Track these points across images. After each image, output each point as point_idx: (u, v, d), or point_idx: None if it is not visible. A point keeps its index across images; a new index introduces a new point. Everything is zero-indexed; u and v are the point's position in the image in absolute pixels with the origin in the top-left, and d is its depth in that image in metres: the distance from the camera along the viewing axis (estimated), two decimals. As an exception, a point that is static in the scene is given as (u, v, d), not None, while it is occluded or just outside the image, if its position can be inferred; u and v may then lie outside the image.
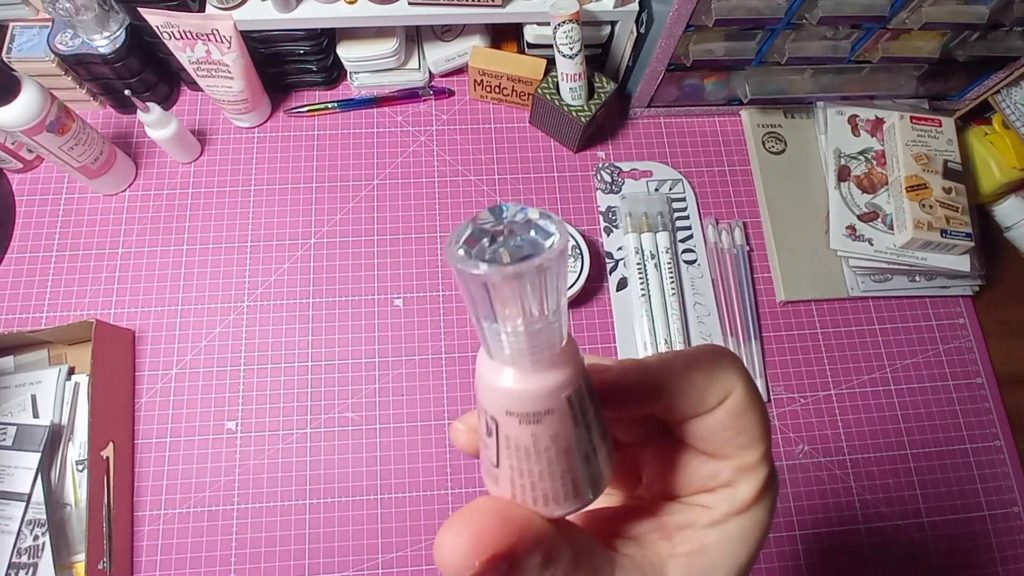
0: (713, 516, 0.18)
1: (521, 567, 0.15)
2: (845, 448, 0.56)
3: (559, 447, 0.16)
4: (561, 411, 0.15)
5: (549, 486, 0.16)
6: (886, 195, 0.60)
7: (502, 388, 0.15)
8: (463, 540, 0.15)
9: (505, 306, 0.14)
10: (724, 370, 0.17)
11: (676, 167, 0.63)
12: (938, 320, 0.60)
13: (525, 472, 0.16)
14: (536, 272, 0.13)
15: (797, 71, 0.60)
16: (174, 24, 0.51)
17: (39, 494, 0.48)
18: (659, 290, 0.58)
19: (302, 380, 0.55)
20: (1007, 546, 0.54)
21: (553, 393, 0.15)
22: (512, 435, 0.16)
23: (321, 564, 0.50)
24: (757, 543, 0.18)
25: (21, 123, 0.48)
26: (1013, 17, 0.52)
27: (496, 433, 0.16)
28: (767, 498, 0.18)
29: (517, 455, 0.16)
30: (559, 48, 0.54)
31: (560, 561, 0.16)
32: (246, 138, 0.62)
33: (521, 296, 0.13)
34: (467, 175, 0.62)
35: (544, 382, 0.15)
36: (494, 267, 0.13)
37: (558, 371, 0.15)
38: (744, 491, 0.17)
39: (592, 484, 0.17)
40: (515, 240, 0.13)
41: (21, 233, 0.58)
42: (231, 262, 0.58)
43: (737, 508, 0.17)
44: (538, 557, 0.15)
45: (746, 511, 0.17)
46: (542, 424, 0.15)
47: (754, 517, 0.17)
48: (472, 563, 0.14)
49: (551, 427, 0.15)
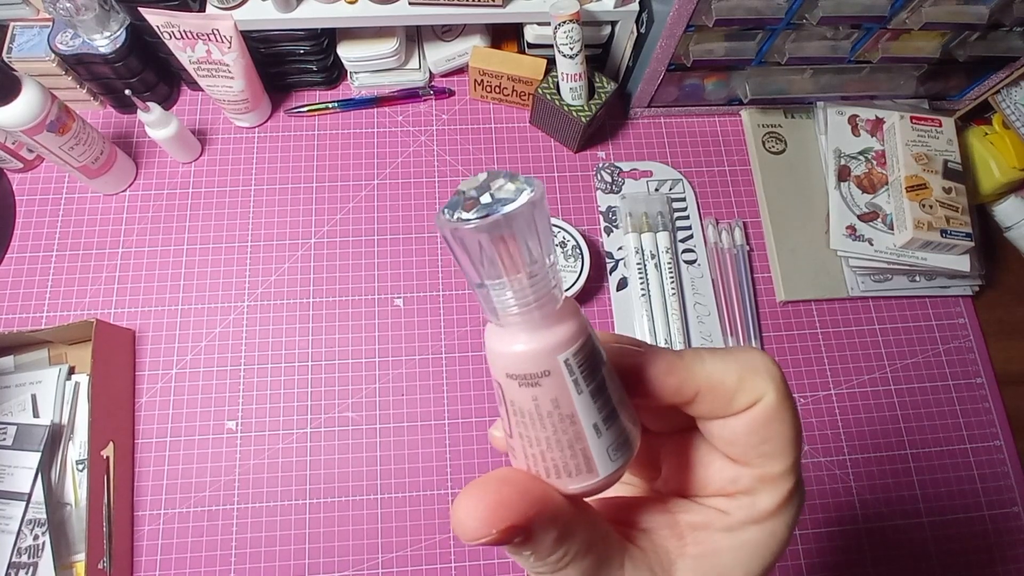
0: (729, 522, 0.17)
1: (535, 540, 0.15)
2: (845, 448, 0.56)
3: (562, 413, 0.16)
4: (558, 374, 0.15)
5: (559, 456, 0.16)
6: (886, 195, 0.60)
7: (498, 350, 0.16)
8: (481, 507, 0.15)
9: (489, 262, 0.15)
10: (757, 374, 0.17)
11: (676, 167, 0.63)
12: (938, 320, 0.60)
13: (533, 440, 0.16)
14: (507, 222, 0.14)
15: (797, 71, 0.60)
16: (174, 24, 0.51)
17: (39, 494, 0.48)
18: (659, 290, 0.58)
19: (302, 380, 0.55)
20: (1007, 546, 0.54)
21: (547, 354, 0.15)
22: (516, 400, 0.16)
23: (321, 564, 0.50)
24: (772, 556, 0.17)
25: (21, 123, 0.48)
26: (1013, 17, 0.52)
27: (504, 400, 0.16)
28: (788, 511, 0.17)
29: (523, 421, 0.16)
30: (559, 48, 0.54)
31: (574, 540, 0.16)
32: (246, 138, 0.62)
33: (500, 251, 0.14)
34: (467, 175, 0.62)
35: (537, 343, 0.15)
36: (473, 221, 0.14)
37: (551, 332, 0.15)
38: (764, 501, 0.17)
39: (606, 459, 0.16)
40: (495, 199, 0.14)
41: (21, 233, 0.58)
42: (231, 262, 0.58)
43: (754, 518, 0.17)
44: (553, 532, 0.15)
45: (764, 522, 0.17)
46: (541, 387, 0.16)
47: (771, 528, 0.17)
48: (489, 531, 0.15)
49: (551, 391, 0.16)
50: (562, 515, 0.16)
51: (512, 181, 0.15)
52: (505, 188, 0.15)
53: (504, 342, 0.16)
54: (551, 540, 0.15)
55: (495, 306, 0.15)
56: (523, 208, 0.14)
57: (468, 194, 0.15)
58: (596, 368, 0.16)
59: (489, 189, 0.15)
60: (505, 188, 0.15)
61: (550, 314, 0.15)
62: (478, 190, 0.15)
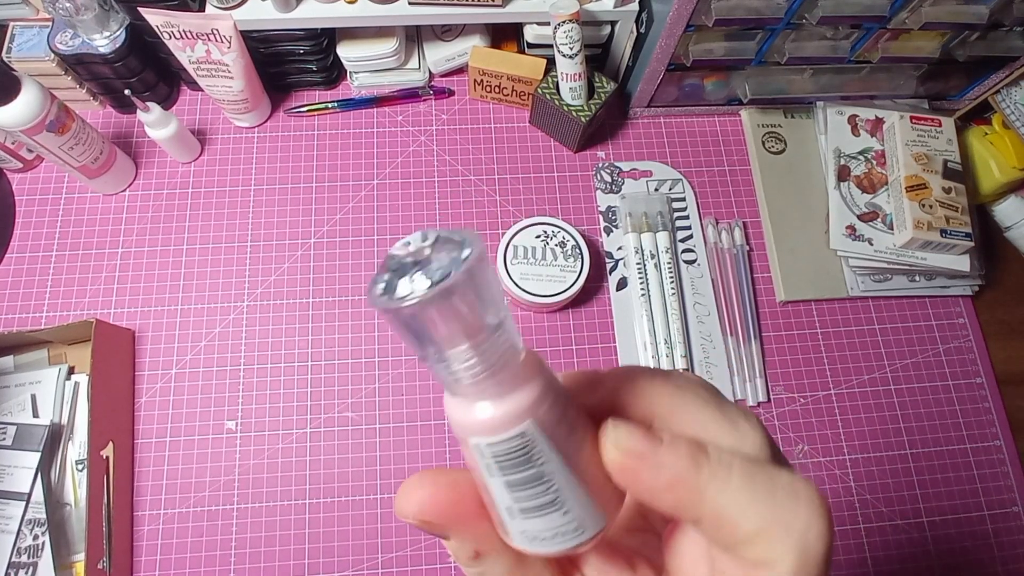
0: None
1: (455, 545, 0.16)
2: (845, 448, 0.56)
3: (480, 483, 0.16)
4: (470, 451, 0.15)
5: (494, 513, 0.16)
6: (886, 195, 0.60)
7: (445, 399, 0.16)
8: (418, 492, 0.16)
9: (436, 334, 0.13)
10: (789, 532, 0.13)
11: (676, 167, 0.63)
12: (938, 320, 0.60)
13: (479, 484, 0.16)
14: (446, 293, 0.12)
15: (797, 71, 0.60)
16: (174, 24, 0.51)
17: (39, 494, 0.48)
18: (659, 290, 0.58)
19: (302, 380, 0.55)
20: (1007, 546, 0.54)
21: (463, 427, 0.15)
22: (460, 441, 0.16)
23: (321, 564, 0.50)
24: None
25: (21, 123, 0.48)
26: (1013, 17, 0.52)
27: None
28: None
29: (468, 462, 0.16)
30: (559, 48, 0.54)
31: (489, 565, 0.16)
32: (246, 138, 0.62)
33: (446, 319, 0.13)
34: (467, 175, 0.62)
35: (459, 414, 0.15)
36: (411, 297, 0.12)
37: (465, 411, 0.15)
38: None
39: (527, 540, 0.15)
40: (431, 266, 0.13)
41: (21, 233, 0.58)
42: (231, 262, 0.58)
43: None
44: (469, 550, 0.16)
45: None
46: (467, 448, 0.16)
47: None
48: (413, 517, 0.16)
49: (469, 457, 0.16)
50: (483, 539, 0.16)
51: (448, 242, 0.13)
52: (440, 254, 0.13)
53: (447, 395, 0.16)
54: (466, 554, 0.16)
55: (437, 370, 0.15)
56: (464, 273, 0.12)
57: (403, 261, 0.13)
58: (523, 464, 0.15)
59: (424, 254, 0.13)
60: (440, 254, 0.13)
61: (463, 393, 0.15)
62: (413, 255, 0.13)
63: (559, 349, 0.57)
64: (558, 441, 0.15)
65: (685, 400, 0.15)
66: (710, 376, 0.56)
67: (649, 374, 0.16)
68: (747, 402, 0.56)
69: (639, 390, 0.16)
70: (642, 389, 0.16)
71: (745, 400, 0.56)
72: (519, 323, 0.57)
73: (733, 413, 0.15)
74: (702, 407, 0.15)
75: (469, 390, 0.14)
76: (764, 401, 0.56)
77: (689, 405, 0.15)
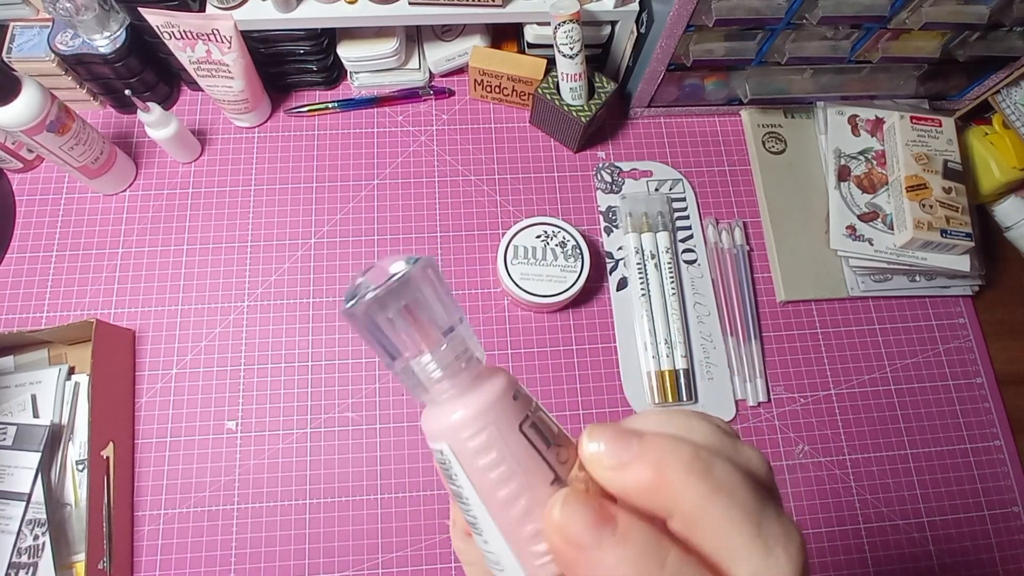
0: None
1: None
2: (845, 448, 0.56)
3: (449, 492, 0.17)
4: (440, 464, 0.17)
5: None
6: (886, 195, 0.60)
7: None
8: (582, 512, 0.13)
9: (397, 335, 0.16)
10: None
11: (676, 167, 0.63)
12: (938, 320, 0.60)
13: None
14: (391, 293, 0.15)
15: (797, 71, 0.60)
16: (174, 24, 0.51)
17: (39, 494, 0.48)
18: (659, 290, 0.58)
19: (302, 380, 0.55)
20: (1007, 546, 0.54)
21: (434, 436, 0.16)
22: None
23: (321, 564, 0.50)
24: None
25: (21, 123, 0.48)
26: (1013, 17, 0.52)
27: None
28: None
29: None
30: (559, 48, 0.54)
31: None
32: (246, 138, 0.62)
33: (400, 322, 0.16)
34: (467, 175, 0.62)
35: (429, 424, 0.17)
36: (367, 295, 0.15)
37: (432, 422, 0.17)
38: None
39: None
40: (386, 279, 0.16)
41: (21, 233, 0.58)
42: (231, 262, 0.58)
43: None
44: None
45: None
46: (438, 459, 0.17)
47: None
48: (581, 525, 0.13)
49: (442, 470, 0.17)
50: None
51: (399, 261, 0.16)
52: (394, 267, 0.16)
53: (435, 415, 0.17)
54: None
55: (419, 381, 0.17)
56: (408, 276, 0.16)
57: (365, 284, 0.16)
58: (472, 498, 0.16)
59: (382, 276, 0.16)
60: (394, 267, 0.16)
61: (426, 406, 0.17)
62: (374, 273, 0.16)
63: (559, 349, 0.57)
64: (474, 474, 0.15)
65: (718, 505, 0.13)
66: (710, 376, 0.56)
67: (689, 458, 0.13)
68: (747, 402, 0.56)
69: (668, 479, 0.13)
70: (670, 480, 0.13)
71: (745, 400, 0.56)
72: (519, 323, 0.57)
73: (773, 534, 0.13)
74: (735, 519, 0.13)
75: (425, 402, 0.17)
76: (764, 401, 0.56)
77: (720, 513, 0.13)
